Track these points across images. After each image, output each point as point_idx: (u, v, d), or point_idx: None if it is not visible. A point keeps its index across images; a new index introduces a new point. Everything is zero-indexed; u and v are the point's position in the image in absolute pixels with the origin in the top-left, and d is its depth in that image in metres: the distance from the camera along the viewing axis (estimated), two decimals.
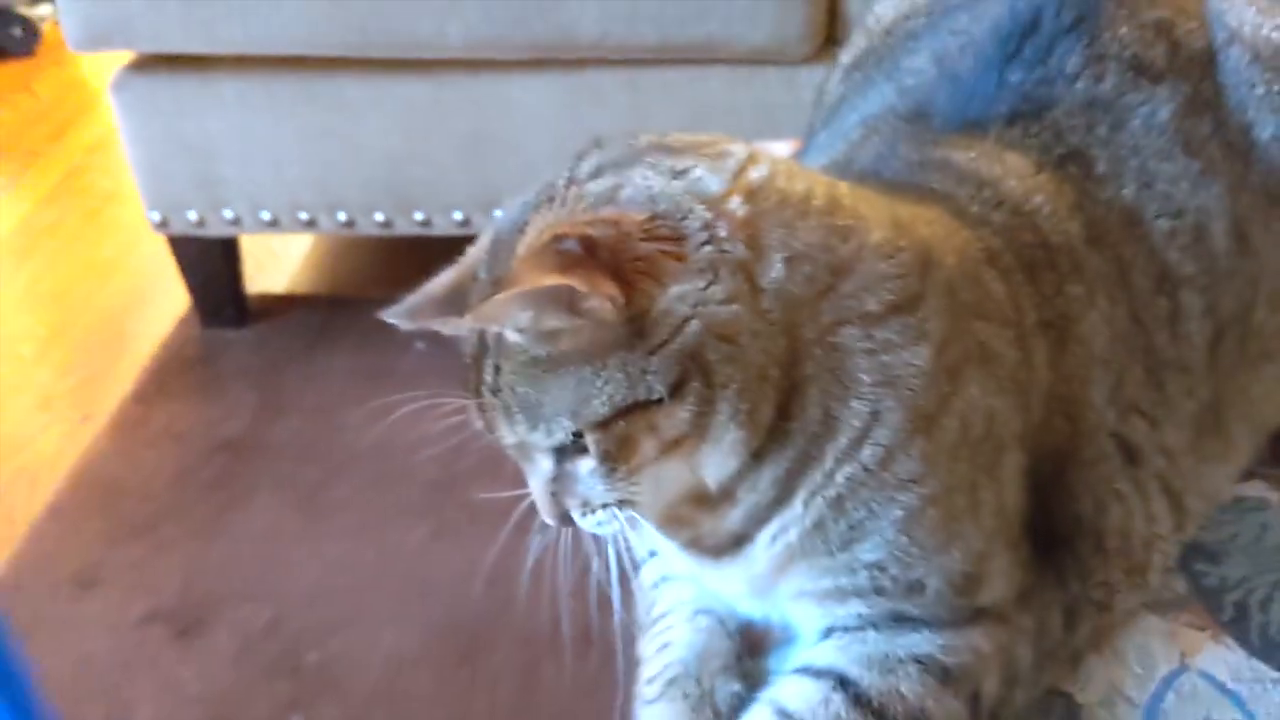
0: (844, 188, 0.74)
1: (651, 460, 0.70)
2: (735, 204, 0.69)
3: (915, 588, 0.73)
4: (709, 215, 0.68)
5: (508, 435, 0.72)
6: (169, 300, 2.15)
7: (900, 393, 0.71)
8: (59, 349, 2.08)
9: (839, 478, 0.72)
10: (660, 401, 0.68)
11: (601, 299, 0.66)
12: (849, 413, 0.71)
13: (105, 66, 1.92)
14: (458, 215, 1.93)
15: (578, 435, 0.69)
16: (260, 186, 1.91)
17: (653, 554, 0.88)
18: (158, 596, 1.59)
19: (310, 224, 1.95)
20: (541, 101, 1.84)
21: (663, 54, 1.78)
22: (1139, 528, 0.82)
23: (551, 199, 0.70)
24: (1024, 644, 0.77)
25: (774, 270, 0.69)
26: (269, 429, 1.87)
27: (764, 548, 0.74)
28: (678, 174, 0.70)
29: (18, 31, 3.14)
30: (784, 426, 0.71)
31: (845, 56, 1.06)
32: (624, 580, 0.76)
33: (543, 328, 0.67)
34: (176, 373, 2.00)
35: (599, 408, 0.68)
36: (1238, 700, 0.76)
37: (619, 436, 0.69)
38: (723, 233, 0.68)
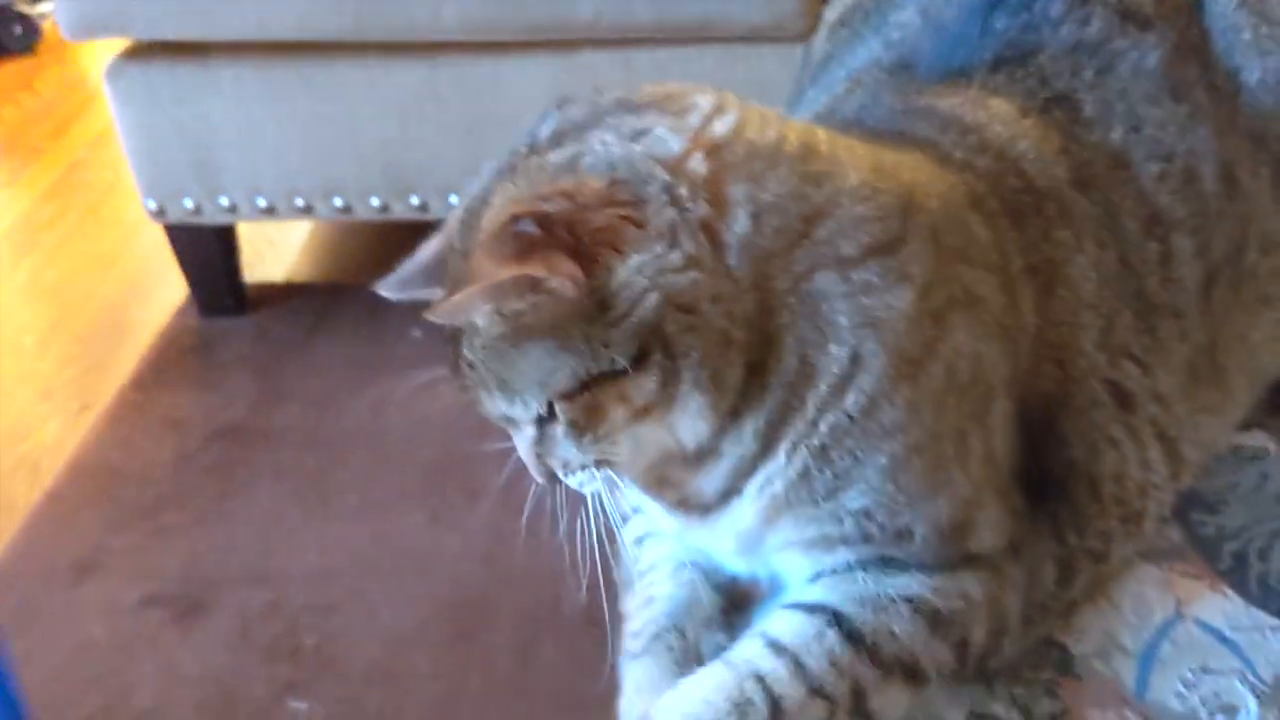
0: (821, 133, 0.73)
1: (624, 426, 0.70)
2: (696, 162, 0.69)
3: (903, 534, 0.73)
4: (668, 178, 0.68)
5: (489, 408, 0.72)
6: (168, 291, 2.15)
7: (883, 335, 0.70)
8: (59, 340, 2.08)
9: (822, 426, 0.71)
10: (625, 372, 0.67)
11: (561, 279, 0.66)
12: (827, 358, 0.70)
13: (106, 62, 1.92)
14: (454, 199, 1.91)
15: (550, 404, 0.70)
16: (257, 173, 1.91)
17: (635, 511, 0.87)
18: (157, 581, 1.58)
19: (307, 210, 1.94)
20: (536, 83, 1.83)
21: (658, 33, 1.78)
22: (1134, 474, 0.81)
23: (514, 168, 0.70)
24: (1013, 594, 0.76)
25: (739, 225, 0.68)
26: (268, 416, 1.87)
27: (750, 500, 0.74)
28: (638, 135, 0.69)
29: (18, 29, 3.15)
30: (762, 379, 0.70)
31: (831, 14, 1.05)
32: (609, 536, 0.76)
33: (506, 313, 0.67)
34: (175, 361, 2.00)
35: (564, 380, 0.68)
36: (1235, 648, 0.76)
37: (587, 406, 0.69)
38: (683, 193, 0.67)
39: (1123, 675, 0.75)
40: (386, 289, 0.78)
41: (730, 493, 0.74)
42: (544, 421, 0.71)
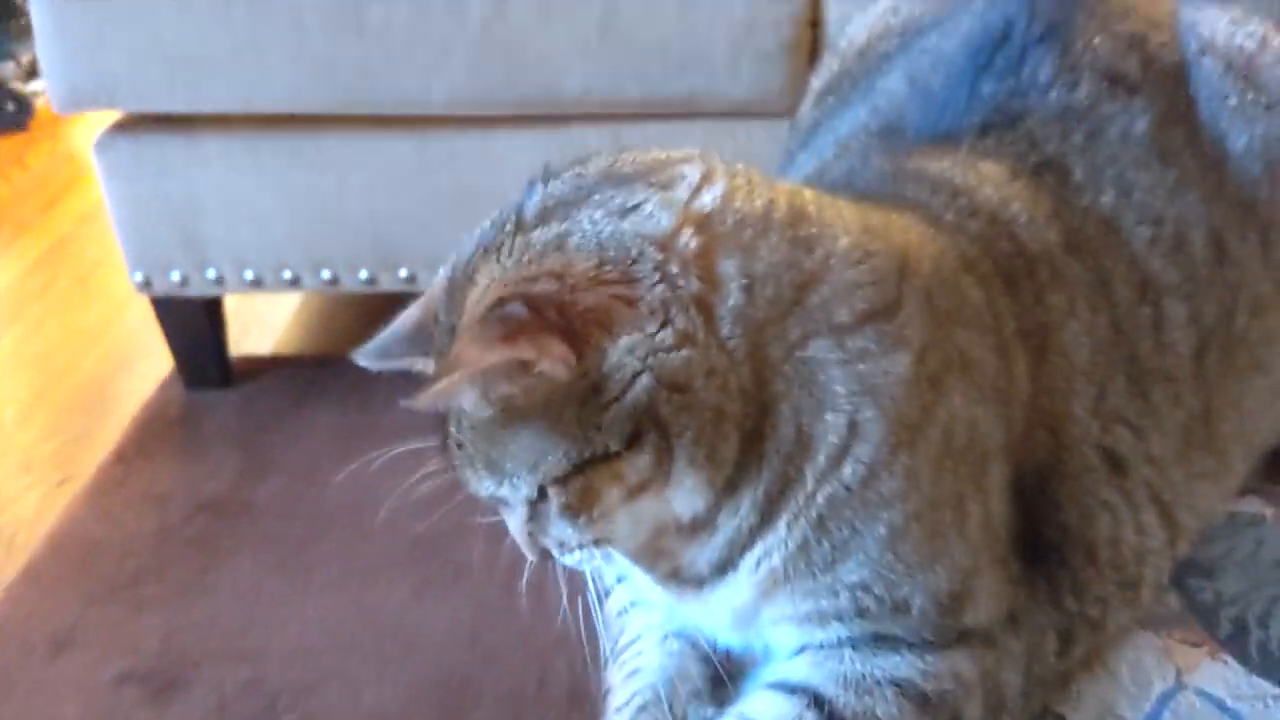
0: (809, 194, 0.73)
1: (619, 505, 0.69)
2: (687, 238, 0.68)
3: (900, 607, 0.71)
4: (660, 256, 0.67)
5: (478, 488, 0.71)
6: (153, 364, 2.14)
7: (881, 402, 0.69)
8: (42, 412, 2.06)
9: (820, 498, 0.70)
10: (619, 454, 0.66)
11: (552, 360, 0.65)
12: (824, 427, 0.69)
13: (98, 123, 1.92)
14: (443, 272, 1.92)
15: (542, 488, 0.68)
16: (244, 245, 1.91)
17: (620, 580, 0.86)
18: (134, 657, 1.55)
19: (294, 282, 1.94)
20: (526, 156, 1.82)
21: (646, 109, 1.79)
22: (1129, 538, 0.80)
23: (500, 246, 0.69)
24: (1012, 669, 0.74)
25: (732, 299, 0.67)
26: (252, 488, 1.84)
27: (747, 574, 0.72)
28: (626, 211, 0.68)
29: (10, 106, 3.17)
30: (759, 449, 0.69)
31: (817, 81, 1.05)
32: (597, 609, 0.75)
33: (494, 397, 0.66)
34: (158, 434, 1.98)
35: (556, 464, 0.67)
36: (1237, 718, 0.73)
37: (581, 489, 0.68)
38: (674, 270, 0.67)
39: None
40: (365, 359, 0.76)
41: (726, 565, 0.73)
42: (536, 502, 0.70)
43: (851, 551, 0.70)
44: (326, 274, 1.93)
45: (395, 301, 2.04)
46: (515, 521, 0.72)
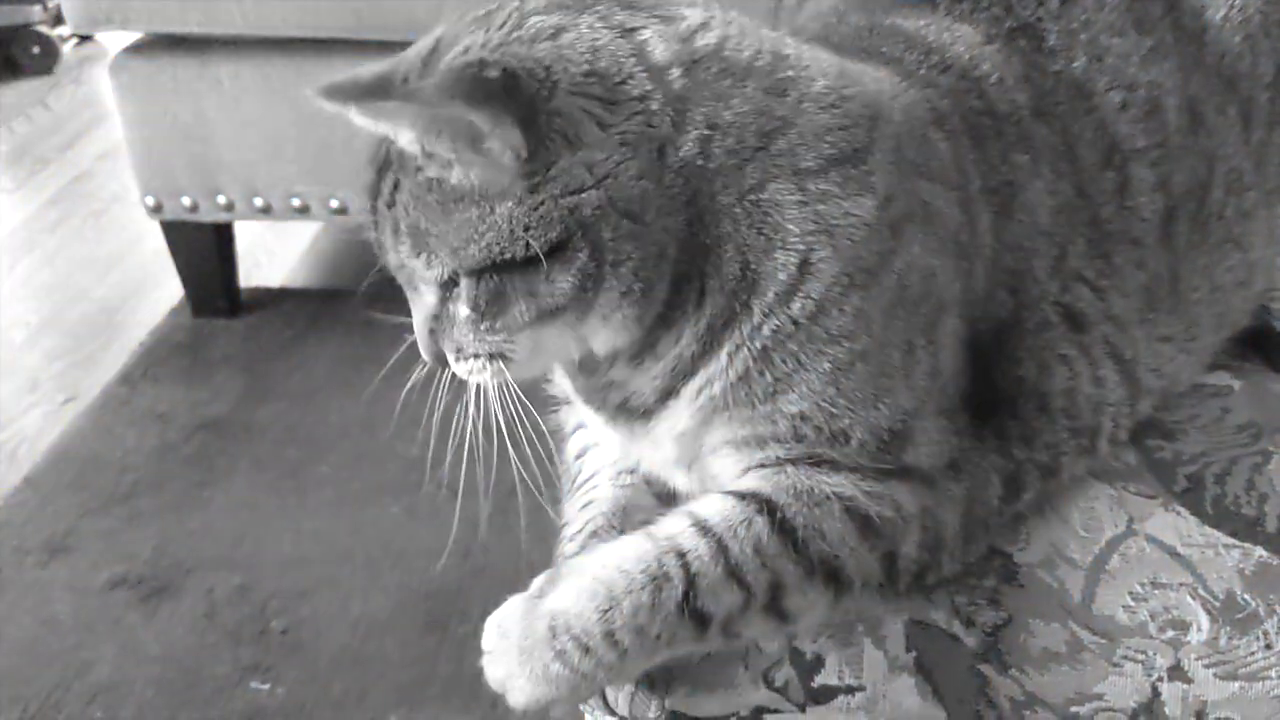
0: (791, 41, 0.72)
1: (524, 324, 0.67)
2: (675, 75, 0.67)
3: (838, 437, 0.70)
4: (649, 85, 0.66)
5: (393, 256, 0.70)
6: (163, 293, 2.15)
7: (838, 243, 0.68)
8: (50, 336, 2.08)
9: (765, 330, 0.69)
10: (539, 265, 0.65)
11: (502, 144, 0.64)
12: (773, 265, 0.68)
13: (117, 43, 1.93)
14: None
15: (456, 275, 0.67)
16: (254, 171, 1.92)
17: (579, 427, 0.85)
18: (127, 564, 1.57)
19: (303, 210, 1.94)
20: None
21: None
22: (1086, 389, 0.79)
23: (492, 16, 0.68)
24: (950, 510, 0.73)
25: (686, 148, 0.66)
26: (253, 411, 1.85)
27: (688, 400, 0.72)
28: (626, 31, 0.67)
29: (36, 49, 3.19)
30: (698, 285, 0.68)
31: None
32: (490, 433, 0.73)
33: (430, 150, 0.65)
34: (164, 358, 1.99)
35: (476, 253, 0.66)
36: (1187, 564, 0.73)
37: (493, 290, 0.67)
38: (655, 106, 0.66)
39: (1068, 586, 0.72)
40: (315, 90, 0.73)
41: (669, 394, 0.72)
42: (446, 294, 0.69)
43: (794, 384, 0.69)
44: (335, 203, 1.93)
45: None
46: (421, 313, 0.71)
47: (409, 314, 0.75)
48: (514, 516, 0.84)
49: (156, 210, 1.96)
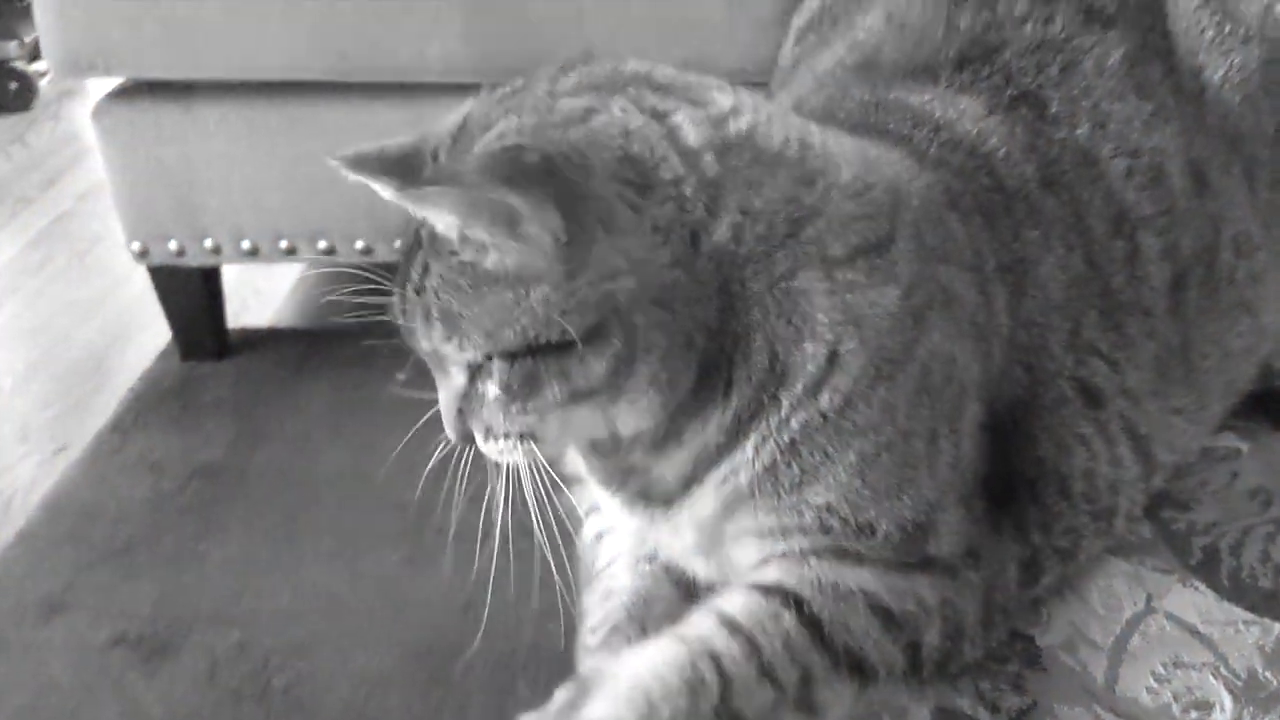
0: (815, 128, 0.72)
1: (556, 404, 0.67)
2: (708, 161, 0.67)
3: (864, 530, 0.70)
4: (682, 170, 0.66)
5: (425, 341, 0.70)
6: (151, 337, 2.14)
7: (864, 334, 0.68)
8: (39, 382, 2.07)
9: (794, 423, 0.69)
10: (574, 348, 0.65)
11: (541, 228, 0.63)
12: (802, 355, 0.68)
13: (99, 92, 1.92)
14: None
15: (489, 357, 0.67)
16: (241, 214, 1.91)
17: (595, 509, 0.85)
18: (126, 621, 1.55)
19: (291, 252, 1.94)
20: None
21: None
22: (1104, 470, 0.79)
23: (526, 104, 0.68)
24: (971, 599, 0.73)
25: (719, 234, 0.66)
26: (246, 457, 1.84)
27: (712, 488, 0.72)
28: (658, 115, 0.67)
29: (13, 86, 3.17)
30: (726, 375, 0.68)
31: (798, 19, 1.05)
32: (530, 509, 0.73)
33: (472, 236, 0.64)
34: (155, 404, 1.98)
35: (511, 337, 0.66)
36: (1208, 642, 0.73)
37: (526, 372, 0.67)
38: (688, 191, 0.66)
39: (1091, 669, 0.72)
40: (340, 159, 0.74)
41: (692, 481, 0.72)
42: (476, 374, 0.68)
43: (821, 475, 0.69)
44: (323, 244, 1.92)
45: (393, 272, 2.05)
46: (448, 392, 0.71)
47: (402, 351, 0.74)
48: (521, 562, 0.84)
49: (143, 255, 1.95)
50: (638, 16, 1.72)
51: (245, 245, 1.93)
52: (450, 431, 0.71)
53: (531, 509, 0.72)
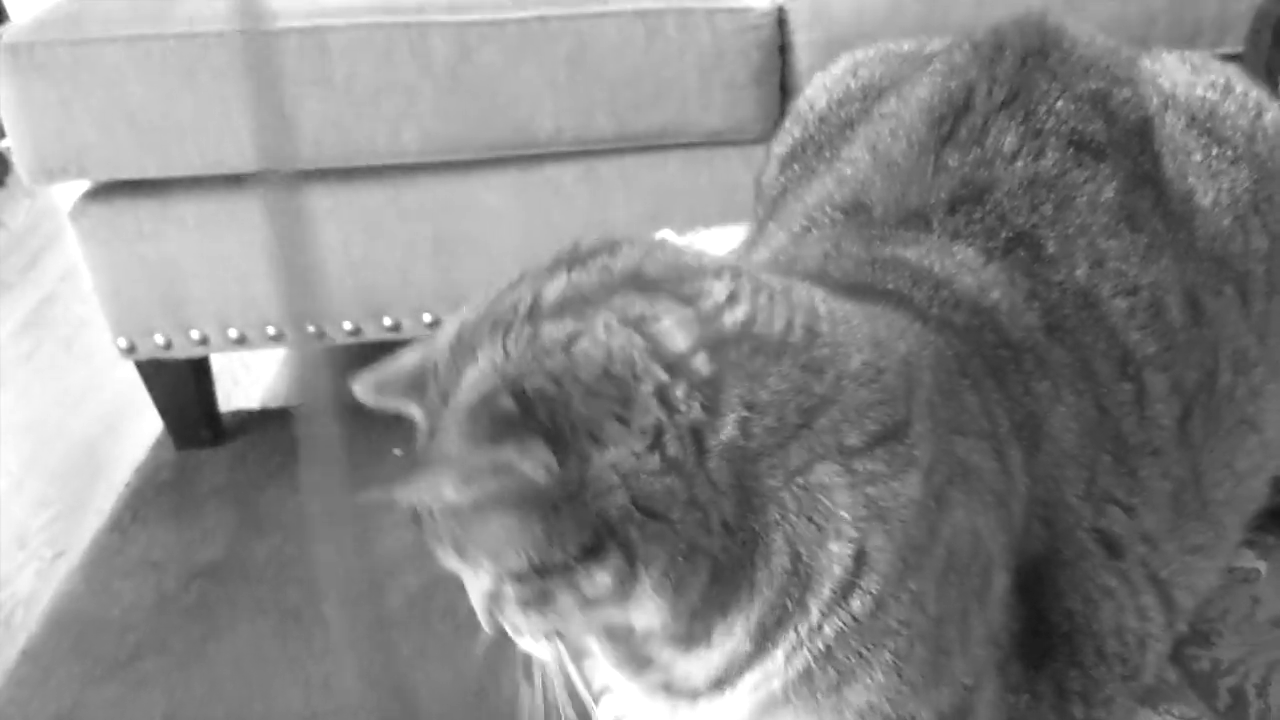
0: (822, 308, 0.69)
1: (575, 609, 0.67)
2: (700, 362, 0.64)
3: None
4: (665, 379, 0.64)
5: (443, 560, 0.69)
6: (143, 424, 2.12)
7: (890, 527, 0.66)
8: (33, 482, 2.05)
9: (827, 630, 0.67)
10: (578, 565, 0.64)
11: (534, 464, 0.63)
12: (827, 557, 0.66)
13: (75, 188, 1.91)
14: (427, 317, 1.91)
15: (500, 579, 0.67)
16: (226, 304, 1.90)
17: (606, 689, 0.84)
18: None
19: (278, 338, 1.93)
20: (502, 198, 1.83)
21: (620, 143, 1.78)
22: (1131, 624, 0.77)
23: (509, 329, 0.66)
24: None
25: (727, 430, 0.64)
26: (247, 550, 1.83)
27: (746, 694, 0.70)
28: (643, 325, 0.65)
29: None
30: (746, 577, 0.66)
31: (779, 147, 1.03)
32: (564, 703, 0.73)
33: (473, 490, 0.64)
34: (151, 498, 1.97)
35: (516, 560, 0.65)
36: None
37: (538, 590, 0.66)
38: (678, 395, 0.63)
39: None
40: (362, 390, 0.73)
41: (724, 683, 0.70)
42: (495, 583, 0.68)
43: (858, 676, 0.68)
44: (311, 327, 1.91)
45: (382, 348, 2.03)
46: (476, 595, 0.70)
47: (397, 424, 0.74)
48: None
49: (130, 351, 1.94)
50: (611, 86, 1.71)
51: (232, 334, 1.92)
52: (485, 626, 0.71)
53: (561, 705, 0.72)
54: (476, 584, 0.69)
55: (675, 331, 0.64)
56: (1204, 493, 0.82)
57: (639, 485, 0.63)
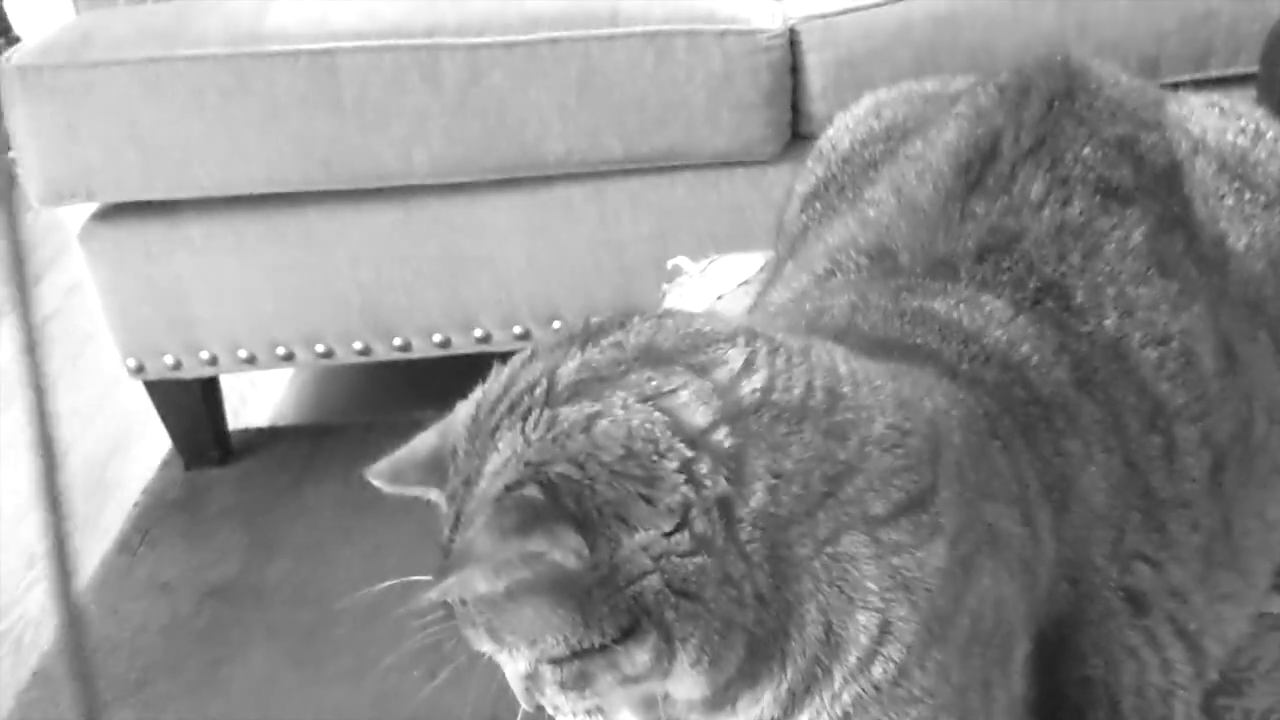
0: (843, 368, 0.69)
1: (614, 687, 0.66)
2: (721, 435, 0.64)
3: None
4: (689, 454, 0.63)
5: (477, 645, 0.69)
6: (152, 443, 2.12)
7: (915, 597, 0.66)
8: (40, 503, 2.04)
9: (846, 696, 0.67)
10: (617, 646, 0.64)
11: (564, 551, 0.62)
12: (855, 627, 0.66)
13: (82, 208, 1.90)
14: (437, 337, 1.91)
15: (538, 663, 0.67)
16: (235, 325, 1.90)
17: None
18: None
19: (288, 358, 1.92)
20: (511, 219, 1.83)
21: (628, 164, 1.78)
22: (1155, 680, 0.77)
23: (527, 413, 0.65)
24: None
25: (755, 500, 0.64)
26: (259, 572, 1.83)
27: None
28: (661, 399, 0.64)
29: None
30: (782, 647, 0.66)
31: (801, 186, 1.03)
32: None
33: (505, 581, 0.64)
34: (161, 519, 1.96)
35: (554, 646, 0.65)
36: None
37: (577, 672, 0.66)
38: (703, 469, 0.63)
39: None
40: (377, 478, 0.73)
41: None
42: (533, 665, 0.68)
43: None
44: (320, 348, 1.91)
45: (391, 367, 2.03)
46: (513, 676, 0.70)
47: (407, 442, 0.74)
48: None
49: (138, 371, 1.94)
50: (620, 108, 1.71)
51: (242, 354, 1.92)
52: (524, 704, 0.70)
53: None
54: (513, 666, 0.69)
55: (694, 405, 0.64)
56: (1234, 541, 0.82)
57: (671, 567, 0.63)
